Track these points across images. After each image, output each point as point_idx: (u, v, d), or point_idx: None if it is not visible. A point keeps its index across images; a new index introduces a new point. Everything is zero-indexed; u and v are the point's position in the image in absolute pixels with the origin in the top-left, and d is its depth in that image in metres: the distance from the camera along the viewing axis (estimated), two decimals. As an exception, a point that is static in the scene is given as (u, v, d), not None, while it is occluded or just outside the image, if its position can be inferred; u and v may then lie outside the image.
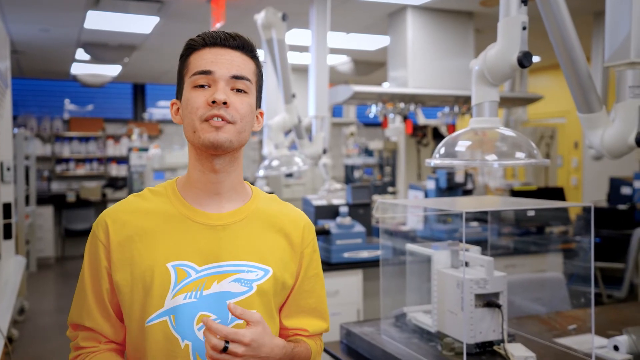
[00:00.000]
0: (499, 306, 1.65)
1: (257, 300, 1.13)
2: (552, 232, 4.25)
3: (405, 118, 5.09)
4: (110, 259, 1.12)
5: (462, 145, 1.65)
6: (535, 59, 6.75)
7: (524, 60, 1.56)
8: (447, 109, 4.87)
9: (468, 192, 4.29)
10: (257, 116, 1.20)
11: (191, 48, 1.14)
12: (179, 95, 1.16)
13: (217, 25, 4.22)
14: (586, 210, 4.80)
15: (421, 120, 5.26)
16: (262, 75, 1.21)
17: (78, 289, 1.16)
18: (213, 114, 1.08)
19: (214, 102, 1.08)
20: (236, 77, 1.11)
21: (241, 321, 1.10)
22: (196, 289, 1.10)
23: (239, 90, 1.12)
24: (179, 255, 1.11)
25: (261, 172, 3.57)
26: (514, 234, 4.20)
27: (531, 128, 6.45)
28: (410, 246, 1.89)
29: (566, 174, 8.05)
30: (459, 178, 3.94)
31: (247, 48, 1.16)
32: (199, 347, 1.09)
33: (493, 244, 3.98)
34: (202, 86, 1.11)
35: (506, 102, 5.23)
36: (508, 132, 1.65)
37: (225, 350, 0.99)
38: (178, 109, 1.17)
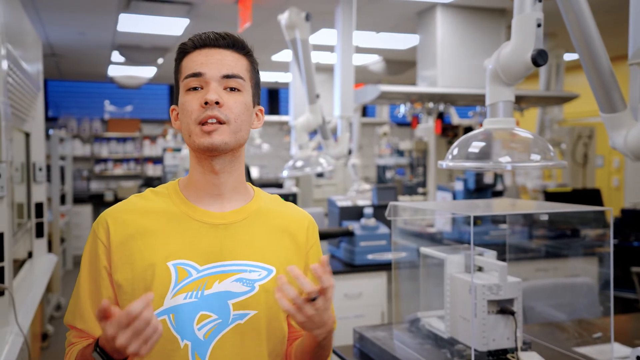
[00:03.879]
0: (512, 313, 1.59)
1: (260, 300, 1.12)
2: (587, 235, 4.11)
3: (438, 117, 5.00)
4: (111, 258, 1.11)
5: (475, 147, 1.60)
6: (572, 56, 6.54)
7: (538, 59, 1.50)
8: (478, 109, 4.77)
9: (498, 194, 4.19)
10: (256, 113, 1.19)
11: (183, 52, 1.14)
12: (176, 100, 1.16)
13: (245, 26, 4.24)
14: (625, 212, 4.62)
15: (455, 119, 5.16)
16: (257, 71, 1.20)
17: (74, 289, 1.16)
18: (207, 116, 1.07)
19: (206, 103, 1.07)
20: (228, 76, 1.11)
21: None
22: (197, 288, 1.09)
23: (232, 90, 1.11)
24: (180, 254, 1.10)
25: (285, 173, 3.56)
26: (546, 236, 4.08)
27: (568, 127, 6.25)
28: (424, 249, 1.85)
29: (607, 175, 7.78)
30: (488, 179, 3.85)
31: (237, 46, 1.15)
32: (199, 347, 1.08)
33: (524, 247, 3.87)
34: (195, 89, 1.10)
35: (540, 101, 5.09)
36: (523, 133, 1.59)
37: (314, 300, 0.99)
38: (177, 114, 1.16)
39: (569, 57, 6.18)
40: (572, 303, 2.44)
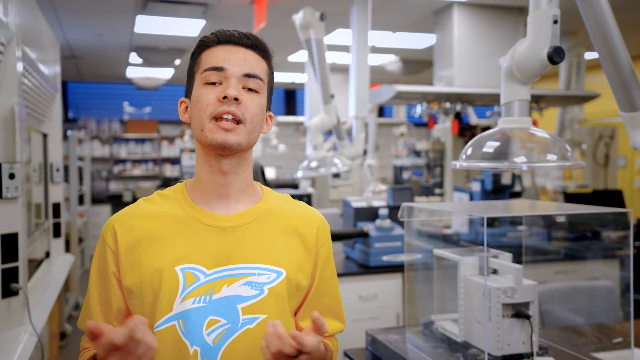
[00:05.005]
0: (528, 317, 1.55)
1: (269, 304, 1.10)
2: (608, 238, 4.02)
3: (455, 118, 4.95)
4: (119, 264, 1.10)
5: (490, 147, 1.57)
6: (593, 55, 6.42)
7: (554, 56, 1.46)
8: (496, 108, 4.70)
9: (516, 195, 4.13)
10: (266, 118, 1.18)
11: (204, 45, 1.12)
12: (188, 93, 1.15)
13: (261, 26, 4.24)
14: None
15: (473, 119, 5.10)
16: (273, 77, 1.19)
17: (86, 294, 1.16)
18: (224, 110, 1.06)
19: (225, 97, 1.06)
20: (248, 75, 1.09)
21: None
22: (205, 293, 1.07)
23: (250, 90, 1.10)
24: (188, 259, 1.09)
25: (299, 174, 3.55)
26: (566, 238, 4.01)
27: (589, 127, 6.14)
28: (437, 251, 1.82)
29: (629, 176, 7.63)
30: (506, 180, 3.79)
31: (260, 48, 1.14)
32: (208, 352, 1.06)
33: (543, 249, 3.81)
34: (213, 83, 1.09)
35: (560, 100, 5.01)
36: (539, 133, 1.55)
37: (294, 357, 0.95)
38: (187, 107, 1.15)
39: (589, 55, 6.07)
40: (591, 307, 2.38)
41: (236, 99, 1.06)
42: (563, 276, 3.62)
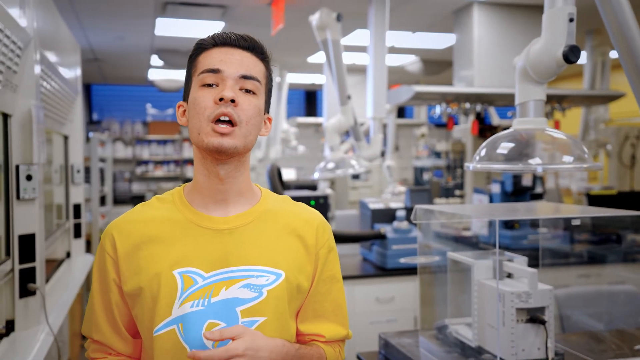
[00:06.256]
0: (543, 322, 1.52)
1: (268, 306, 1.08)
2: (634, 240, 3.92)
3: (476, 118, 4.89)
4: (119, 271, 1.10)
5: (503, 148, 1.54)
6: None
7: (570, 55, 1.43)
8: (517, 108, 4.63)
9: (537, 197, 4.05)
10: (265, 121, 1.16)
11: (201, 48, 1.12)
12: (185, 97, 1.14)
13: (279, 27, 4.24)
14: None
15: (495, 120, 5.03)
16: (272, 79, 1.18)
17: (89, 301, 1.16)
18: (221, 112, 1.05)
19: (221, 99, 1.05)
20: (245, 77, 1.08)
21: (251, 328, 1.07)
22: (204, 296, 1.06)
23: (247, 91, 1.09)
24: (185, 262, 1.08)
25: (316, 175, 3.54)
26: (589, 241, 3.92)
27: (614, 128, 6.01)
28: (451, 254, 1.79)
29: (657, 177, 7.45)
30: (526, 182, 3.73)
31: (257, 50, 1.13)
32: None
33: (565, 252, 3.73)
34: (210, 85, 1.08)
35: (584, 100, 4.91)
36: (555, 134, 1.52)
37: None
38: (184, 110, 1.14)
39: (615, 54, 5.94)
40: (612, 312, 2.32)
41: (232, 101, 1.05)
42: (586, 280, 3.54)
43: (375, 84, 3.60)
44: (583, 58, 5.71)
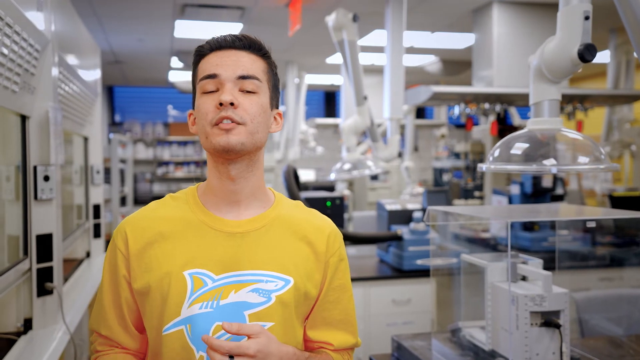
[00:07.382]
0: (558, 326, 1.49)
1: (276, 311, 1.08)
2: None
3: (496, 118, 4.84)
4: (130, 267, 1.11)
5: (517, 149, 1.51)
6: (645, 52, 6.15)
7: (585, 54, 1.40)
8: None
9: (558, 198, 3.99)
10: (274, 117, 1.16)
11: (199, 55, 1.13)
12: (194, 105, 1.14)
13: (296, 29, 4.25)
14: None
15: (516, 120, 4.97)
16: (275, 74, 1.17)
17: (97, 296, 1.17)
18: (222, 117, 1.05)
19: (221, 104, 1.05)
20: (243, 77, 1.08)
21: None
22: (213, 298, 1.07)
23: (248, 91, 1.09)
24: (196, 263, 1.08)
25: (332, 176, 3.53)
26: (613, 243, 3.84)
27: (639, 128, 5.89)
28: (465, 256, 1.77)
29: (683, 178, 7.27)
30: (546, 183, 3.67)
31: (254, 47, 1.12)
32: None
33: (587, 254, 3.66)
34: (211, 91, 1.08)
35: (607, 100, 4.81)
36: (571, 134, 1.49)
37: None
38: (195, 118, 1.14)
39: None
40: (632, 316, 2.27)
41: (232, 104, 1.05)
42: (607, 283, 3.47)
43: (392, 85, 3.58)
44: (607, 57, 5.61)
